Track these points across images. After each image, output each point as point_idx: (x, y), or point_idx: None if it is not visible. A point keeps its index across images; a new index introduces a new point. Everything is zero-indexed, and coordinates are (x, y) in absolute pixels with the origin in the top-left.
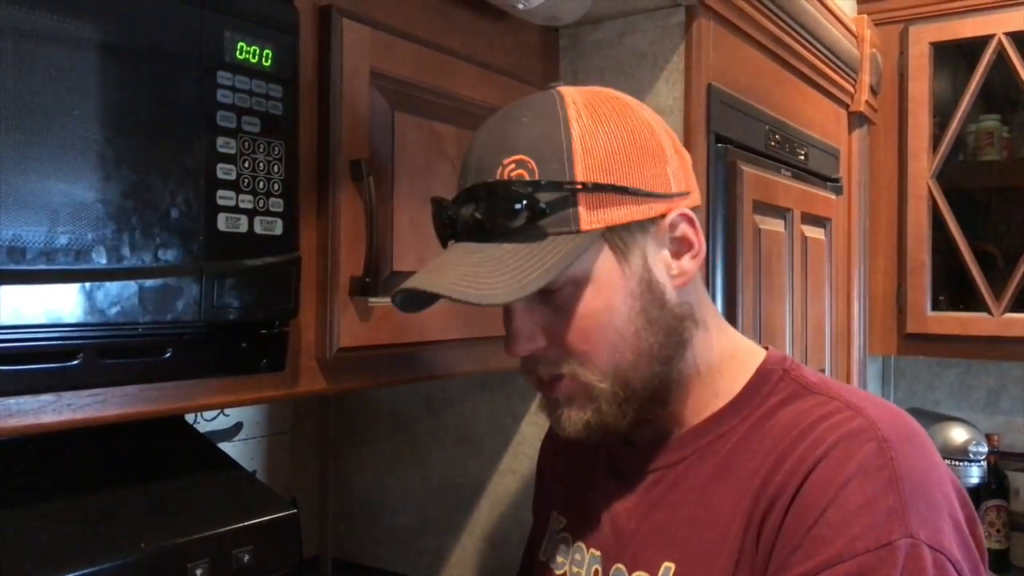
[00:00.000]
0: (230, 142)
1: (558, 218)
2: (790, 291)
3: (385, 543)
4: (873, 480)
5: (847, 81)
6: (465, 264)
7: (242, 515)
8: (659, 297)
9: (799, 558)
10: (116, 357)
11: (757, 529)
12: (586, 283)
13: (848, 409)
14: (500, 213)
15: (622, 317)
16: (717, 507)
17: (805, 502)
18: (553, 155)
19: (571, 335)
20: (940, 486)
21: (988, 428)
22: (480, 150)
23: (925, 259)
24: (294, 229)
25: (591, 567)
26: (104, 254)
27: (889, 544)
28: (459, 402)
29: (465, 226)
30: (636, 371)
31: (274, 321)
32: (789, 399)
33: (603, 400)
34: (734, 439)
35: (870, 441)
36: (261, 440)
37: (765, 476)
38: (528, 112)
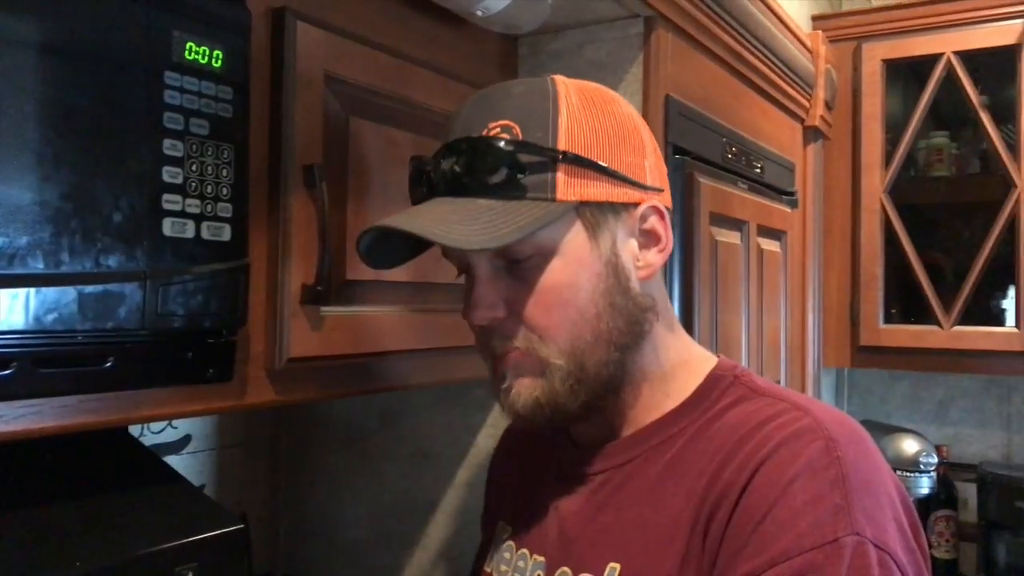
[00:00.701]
0: (177, 144)
1: (536, 181)
2: (746, 303)
3: (338, 559)
4: (819, 478)
5: (803, 96)
6: (439, 212)
7: (187, 531)
8: (624, 283)
9: (746, 556)
10: (53, 366)
11: (704, 528)
12: (554, 255)
13: (796, 410)
14: (480, 167)
15: (585, 295)
16: (664, 508)
17: (752, 500)
18: (538, 124)
19: (532, 307)
20: (885, 489)
21: (938, 439)
22: (467, 112)
23: (878, 272)
24: (243, 235)
25: (534, 572)
26: (41, 259)
27: (835, 541)
28: (414, 415)
29: (443, 179)
30: (593, 353)
31: (221, 330)
32: (737, 402)
33: (556, 378)
34: (682, 441)
35: (817, 440)
36: (210, 453)
37: (712, 475)
38: (520, 86)
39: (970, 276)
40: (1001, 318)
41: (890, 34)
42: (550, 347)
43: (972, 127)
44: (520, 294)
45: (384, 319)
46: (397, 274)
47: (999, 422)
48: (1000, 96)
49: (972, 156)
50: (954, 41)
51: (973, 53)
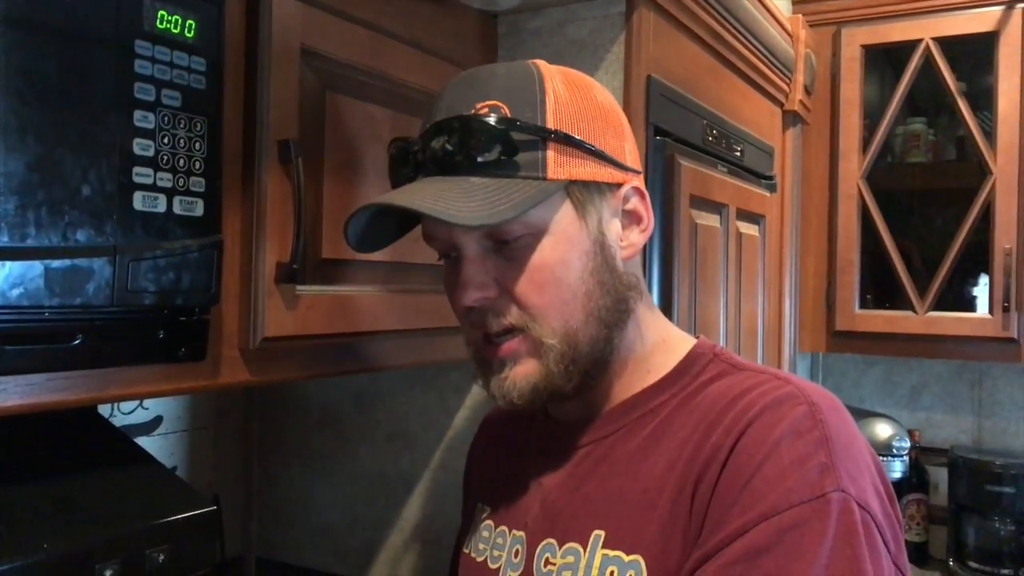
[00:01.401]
0: (148, 116)
1: (528, 159)
2: (724, 287)
3: (312, 542)
4: (805, 439)
5: (782, 80)
6: (431, 189)
7: (157, 513)
8: (610, 262)
9: (736, 512)
10: (19, 343)
11: (691, 491)
12: (544, 234)
13: (776, 379)
14: (473, 145)
15: (576, 274)
16: (646, 476)
17: (739, 460)
18: (526, 103)
19: (525, 286)
20: (863, 456)
21: (910, 424)
22: (451, 94)
23: (854, 258)
24: (216, 210)
25: (512, 548)
26: (5, 232)
27: (823, 496)
28: (390, 397)
29: (433, 158)
30: (584, 332)
31: (194, 308)
32: (719, 376)
33: (552, 359)
34: (664, 413)
35: (800, 405)
36: (182, 435)
37: (696, 443)
38: (503, 68)
39: (944, 262)
40: (974, 304)
41: (869, 19)
42: (544, 327)
43: (949, 114)
44: (511, 273)
45: (361, 299)
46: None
47: (970, 407)
48: (977, 83)
49: (948, 143)
50: (933, 27)
51: (951, 40)
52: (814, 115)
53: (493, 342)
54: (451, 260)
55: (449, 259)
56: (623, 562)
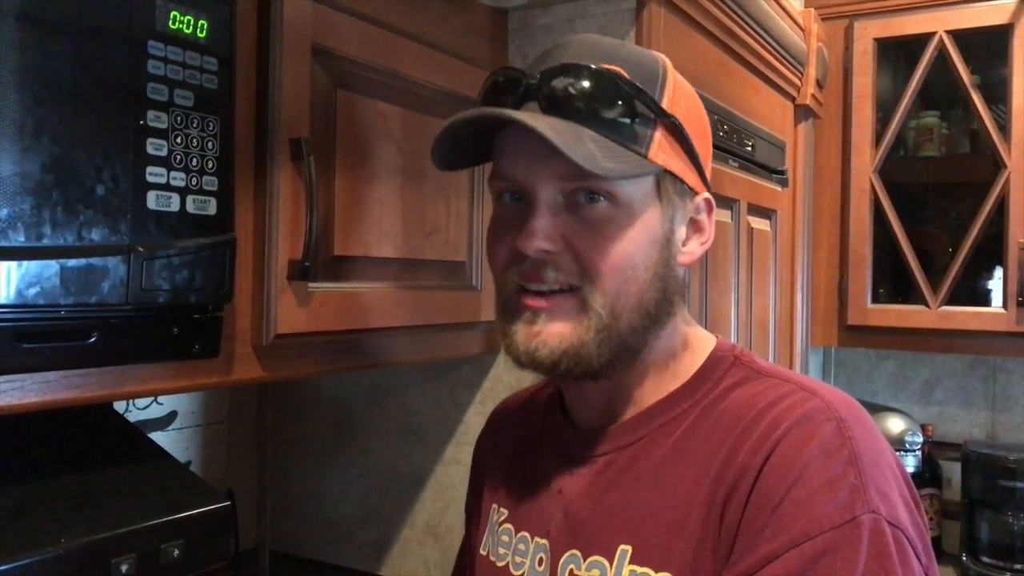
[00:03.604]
0: (161, 116)
1: (639, 132)
2: (736, 282)
3: (324, 535)
4: (834, 459)
5: (794, 74)
6: (545, 122)
7: (173, 507)
8: (670, 260)
9: (765, 537)
10: (36, 341)
11: (720, 512)
12: (626, 208)
13: (801, 391)
14: (599, 97)
15: (642, 257)
16: (673, 490)
17: (768, 483)
18: (648, 78)
19: (593, 251)
20: (891, 466)
21: (923, 418)
22: (573, 47)
23: (866, 252)
24: (229, 209)
25: (535, 556)
26: (22, 231)
27: (853, 520)
28: (402, 391)
29: (551, 95)
30: (629, 315)
31: (207, 305)
32: (740, 383)
33: (593, 326)
34: (686, 422)
35: (828, 421)
36: (196, 430)
37: (724, 458)
38: (629, 44)
39: (958, 256)
40: (988, 298)
41: (882, 12)
42: (598, 292)
43: (963, 107)
44: (583, 235)
45: (372, 295)
46: (385, 250)
47: (984, 402)
48: (991, 76)
49: (962, 136)
50: (947, 20)
51: (965, 32)
52: (826, 109)
53: (537, 294)
54: (510, 204)
55: (508, 203)
56: None
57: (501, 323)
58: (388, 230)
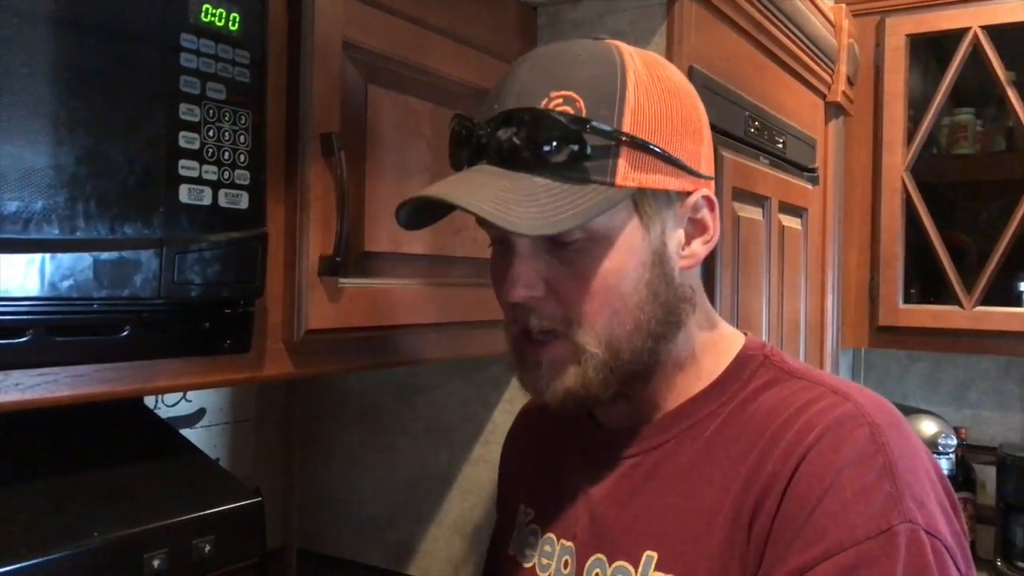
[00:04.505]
0: (194, 109)
1: (597, 165)
2: (767, 281)
3: (352, 534)
4: (868, 466)
5: (825, 71)
6: (492, 187)
7: (204, 503)
8: (668, 273)
9: (797, 548)
10: (69, 335)
11: (748, 519)
12: (604, 241)
13: (834, 394)
14: (543, 143)
15: (630, 284)
16: (700, 495)
17: (799, 491)
18: (604, 99)
19: (575, 292)
20: (927, 473)
21: (956, 421)
22: (525, 76)
23: (898, 252)
24: (261, 203)
25: (561, 558)
26: (56, 224)
27: (889, 530)
28: (430, 390)
29: (498, 148)
30: (629, 343)
31: (239, 300)
32: (770, 384)
33: (591, 367)
34: (714, 425)
35: (861, 427)
36: (225, 427)
37: (753, 464)
38: (584, 52)
39: (993, 256)
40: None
41: (915, 8)
42: (588, 334)
43: (997, 104)
44: (563, 276)
45: (402, 292)
46: (415, 246)
47: (1019, 404)
48: None
49: (997, 134)
50: (981, 15)
51: (1001, 28)
52: (857, 106)
53: (533, 339)
54: (502, 248)
55: (501, 246)
56: None
57: (512, 363)
58: None
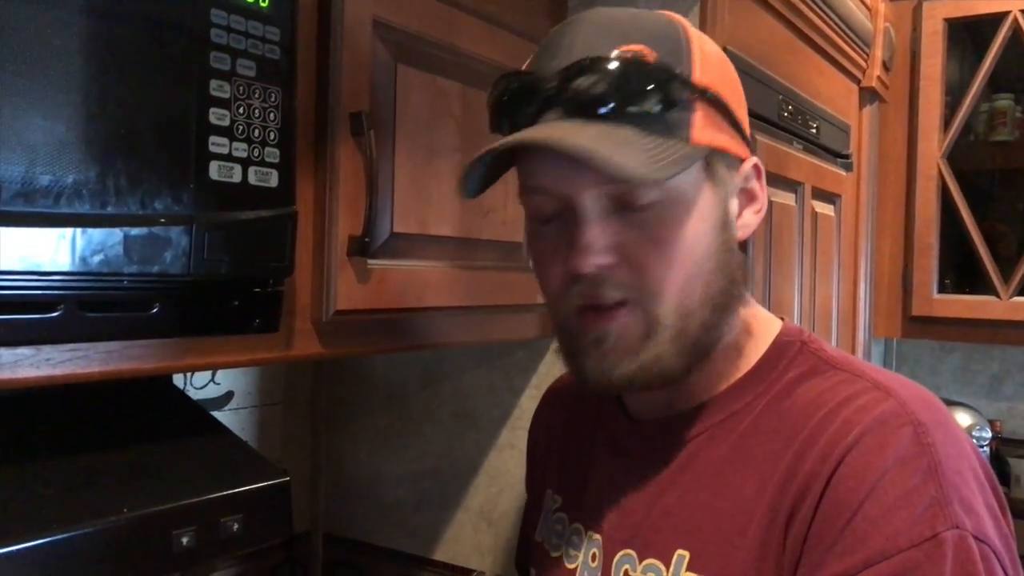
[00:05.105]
0: (224, 86)
1: (678, 118)
2: (799, 268)
3: (378, 519)
4: (912, 469)
5: (860, 55)
6: (579, 134)
7: (233, 482)
8: (730, 242)
9: (835, 555)
10: (99, 310)
11: (784, 522)
12: (680, 203)
13: (876, 389)
14: (630, 91)
15: (703, 251)
16: (734, 493)
17: (838, 495)
18: (674, 52)
19: (651, 257)
20: (974, 473)
21: (990, 414)
22: (584, 32)
23: (933, 241)
24: (290, 182)
25: (589, 550)
26: (87, 199)
27: (935, 537)
28: (456, 376)
29: (575, 99)
30: (699, 314)
31: (268, 279)
32: (808, 375)
33: (665, 340)
34: (749, 418)
35: (905, 426)
36: (252, 410)
37: (790, 463)
38: (637, 11)
39: None
40: None
41: None
42: (663, 304)
43: None
44: (637, 241)
45: (430, 274)
46: (442, 228)
47: None
48: None
49: None
50: None
51: None
52: (892, 92)
53: (599, 311)
54: (551, 221)
55: (548, 223)
56: None
57: (564, 348)
58: (446, 208)
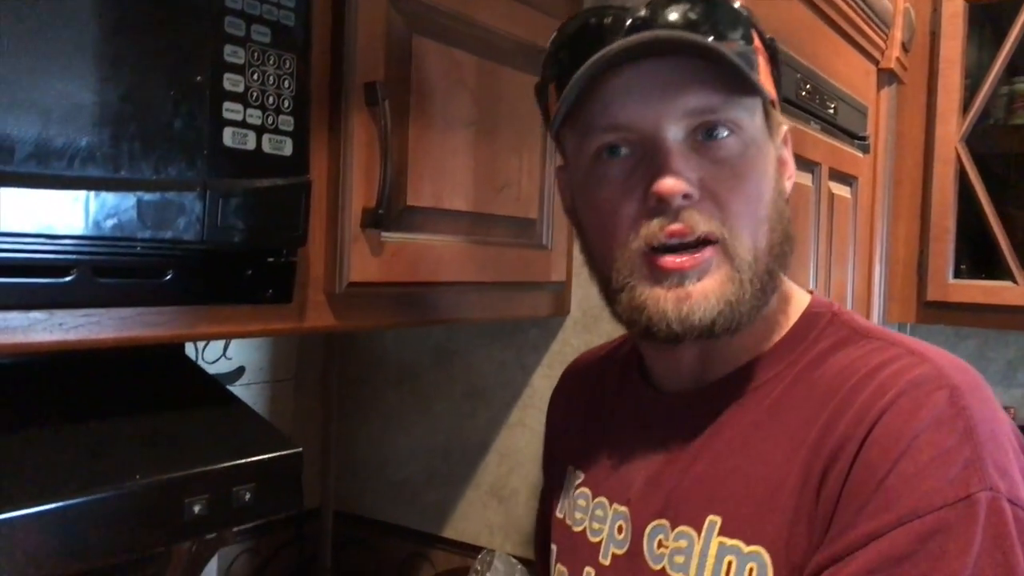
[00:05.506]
0: (238, 51)
1: (752, 60)
2: (815, 249)
3: (388, 496)
4: (947, 430)
5: (879, 36)
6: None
7: (245, 452)
8: (784, 194)
9: (868, 514)
10: (113, 276)
11: (817, 483)
12: (752, 143)
13: (910, 355)
14: (721, 20)
15: (770, 194)
16: (765, 460)
17: (872, 455)
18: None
19: (732, 191)
20: (1009, 439)
21: (1006, 401)
22: None
23: (949, 225)
24: (305, 150)
25: (615, 523)
26: (100, 162)
27: (968, 498)
28: (467, 353)
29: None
30: (766, 257)
31: (281, 249)
32: (839, 345)
33: (746, 276)
34: (779, 387)
35: (940, 389)
36: (263, 386)
37: (823, 427)
38: None
39: None
40: None
41: None
42: (741, 238)
43: None
44: (719, 177)
45: (444, 248)
46: (457, 203)
47: None
48: None
49: None
50: None
51: None
52: (911, 74)
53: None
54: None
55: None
56: (742, 552)
57: (629, 293)
58: (460, 182)
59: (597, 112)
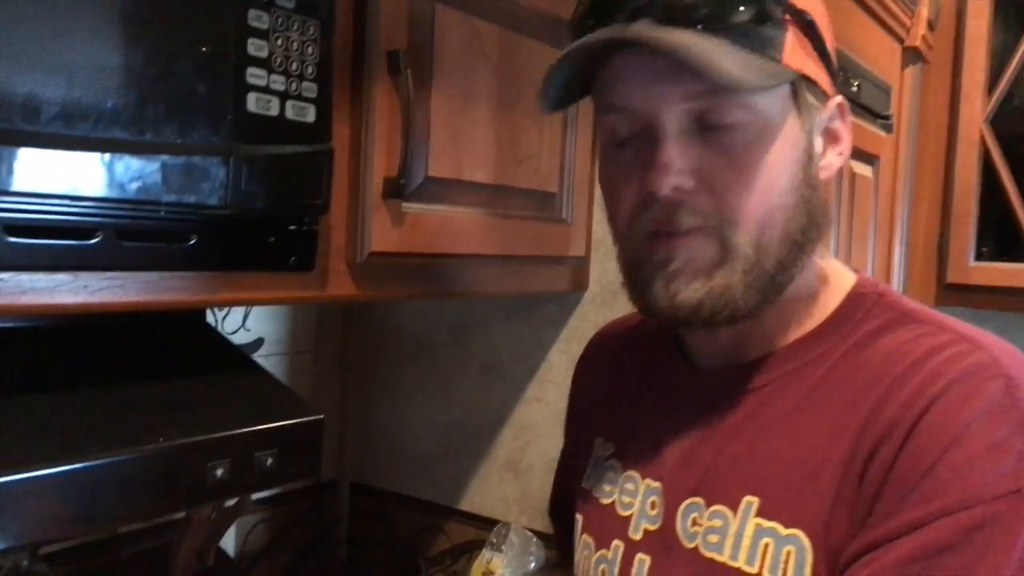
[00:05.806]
0: (262, 16)
1: (770, 35)
2: (836, 228)
3: (405, 469)
4: (1000, 421)
5: (905, 13)
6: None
7: (267, 418)
8: (814, 179)
9: (913, 502)
10: (137, 240)
11: (861, 468)
12: (766, 128)
13: (964, 341)
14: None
15: (787, 181)
16: (805, 442)
17: (921, 442)
18: None
19: (731, 181)
20: None
21: None
22: None
23: (971, 207)
24: (327, 118)
25: (647, 498)
26: (125, 125)
27: (1020, 491)
28: (484, 328)
29: (667, 7)
30: (775, 249)
31: (304, 216)
32: (887, 327)
33: (740, 268)
34: (823, 368)
35: (996, 378)
36: (282, 358)
37: (869, 411)
38: None
39: None
40: None
41: None
42: (741, 233)
43: None
44: (719, 166)
45: (464, 220)
46: (477, 175)
47: None
48: None
49: None
50: None
51: None
52: (936, 53)
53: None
54: (628, 144)
55: (623, 146)
56: (779, 535)
57: (629, 278)
58: (481, 154)
59: (605, 89)
